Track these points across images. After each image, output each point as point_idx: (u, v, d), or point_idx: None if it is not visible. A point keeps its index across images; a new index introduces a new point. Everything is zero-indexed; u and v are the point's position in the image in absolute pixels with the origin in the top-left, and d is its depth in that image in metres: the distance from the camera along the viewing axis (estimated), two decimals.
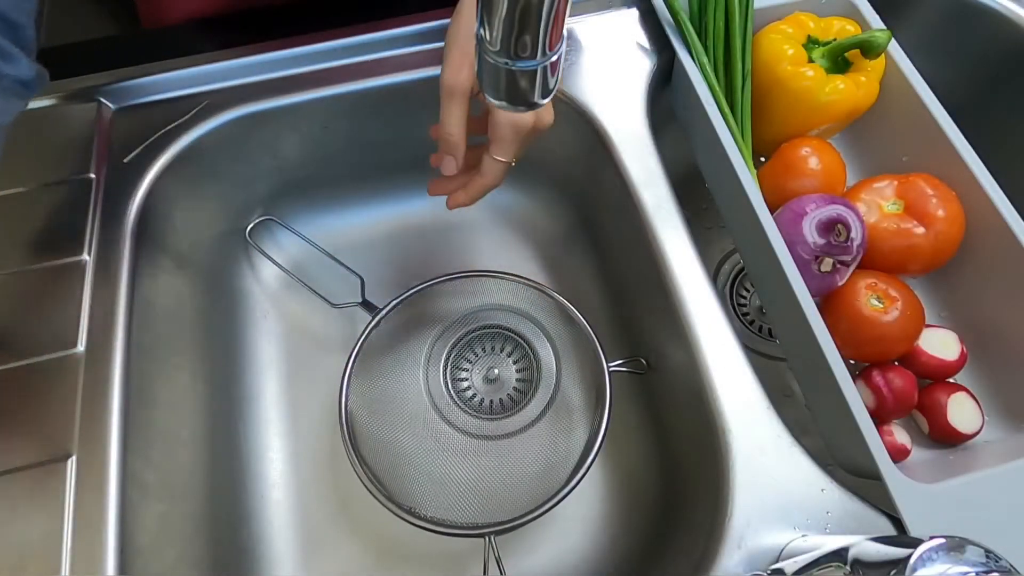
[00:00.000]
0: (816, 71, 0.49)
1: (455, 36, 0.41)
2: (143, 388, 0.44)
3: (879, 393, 0.44)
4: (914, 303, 0.45)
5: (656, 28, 0.56)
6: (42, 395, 0.41)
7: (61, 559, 0.37)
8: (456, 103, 0.41)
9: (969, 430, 0.44)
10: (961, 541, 0.27)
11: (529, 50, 0.30)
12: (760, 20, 0.53)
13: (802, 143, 0.50)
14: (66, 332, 0.43)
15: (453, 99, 0.40)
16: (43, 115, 0.52)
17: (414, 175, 0.65)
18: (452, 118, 0.41)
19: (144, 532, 0.41)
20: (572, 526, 0.53)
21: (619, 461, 0.56)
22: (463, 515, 0.48)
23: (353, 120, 0.57)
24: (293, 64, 0.55)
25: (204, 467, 0.50)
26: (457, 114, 0.41)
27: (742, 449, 0.41)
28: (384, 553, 0.53)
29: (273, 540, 0.53)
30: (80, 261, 0.46)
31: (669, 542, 0.49)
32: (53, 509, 0.38)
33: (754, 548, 0.39)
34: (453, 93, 0.40)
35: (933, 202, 0.46)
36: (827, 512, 0.40)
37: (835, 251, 0.44)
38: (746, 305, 0.69)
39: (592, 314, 0.52)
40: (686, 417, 0.49)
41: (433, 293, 0.54)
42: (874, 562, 0.30)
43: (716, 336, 0.45)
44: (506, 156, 0.41)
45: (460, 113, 0.41)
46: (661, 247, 0.48)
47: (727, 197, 0.51)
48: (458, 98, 0.40)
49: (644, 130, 0.53)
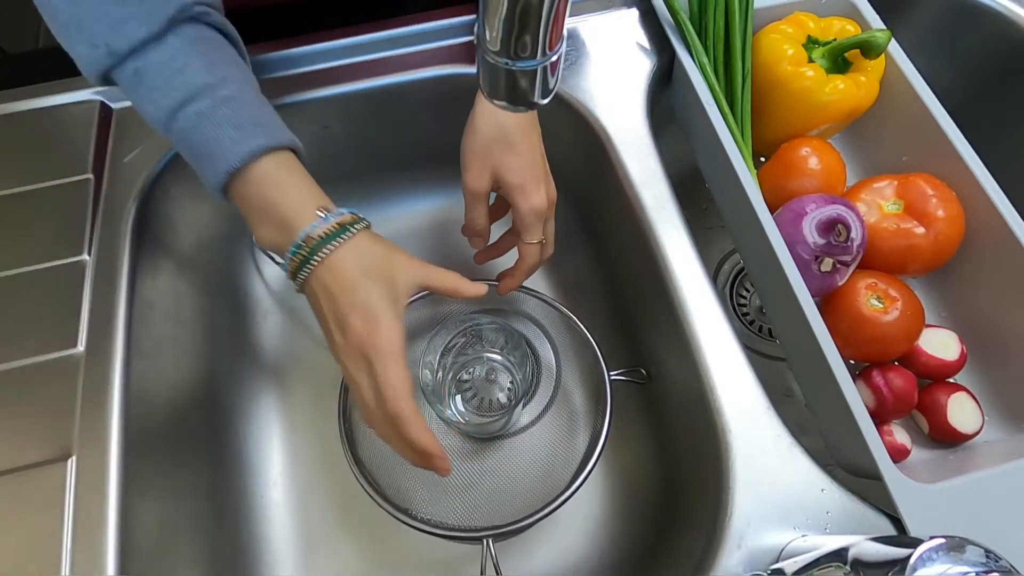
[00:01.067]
0: (816, 71, 0.49)
1: (472, 147, 0.46)
2: (143, 388, 0.44)
3: (879, 393, 0.44)
4: (914, 303, 0.45)
5: (656, 28, 0.56)
6: (42, 395, 0.41)
7: (61, 559, 0.37)
8: (480, 204, 0.47)
9: (969, 430, 0.44)
10: (961, 541, 0.27)
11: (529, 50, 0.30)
12: (760, 20, 0.53)
13: (802, 143, 0.50)
14: (66, 332, 0.43)
15: (477, 202, 0.47)
16: (43, 115, 0.52)
17: (414, 175, 0.65)
18: (477, 215, 0.48)
19: (144, 532, 0.41)
20: (572, 526, 0.53)
21: (619, 461, 0.56)
22: (462, 517, 0.48)
23: (353, 120, 0.57)
24: (293, 64, 0.55)
25: (204, 467, 0.50)
26: (481, 211, 0.48)
27: (742, 449, 0.41)
28: (382, 554, 0.53)
29: (273, 540, 0.53)
30: (80, 261, 0.46)
31: (669, 542, 0.49)
32: (53, 509, 0.38)
33: (754, 548, 0.39)
34: (477, 198, 0.47)
35: (933, 202, 0.46)
36: (827, 512, 0.40)
37: (835, 251, 0.44)
38: (746, 305, 0.69)
39: (592, 314, 0.52)
40: (686, 417, 0.49)
41: (434, 297, 0.54)
42: (874, 562, 0.30)
43: (716, 336, 0.45)
44: (536, 238, 0.47)
45: (483, 210, 0.48)
46: (661, 247, 0.48)
47: (727, 197, 0.51)
48: (481, 201, 0.47)
49: (644, 130, 0.53)
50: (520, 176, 0.45)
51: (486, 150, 0.45)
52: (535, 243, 0.47)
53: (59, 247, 0.46)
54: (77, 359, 0.43)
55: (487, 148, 0.45)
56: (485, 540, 0.44)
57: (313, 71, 0.55)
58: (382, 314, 0.39)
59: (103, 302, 0.45)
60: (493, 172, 0.45)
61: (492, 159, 0.45)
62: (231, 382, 0.56)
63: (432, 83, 0.56)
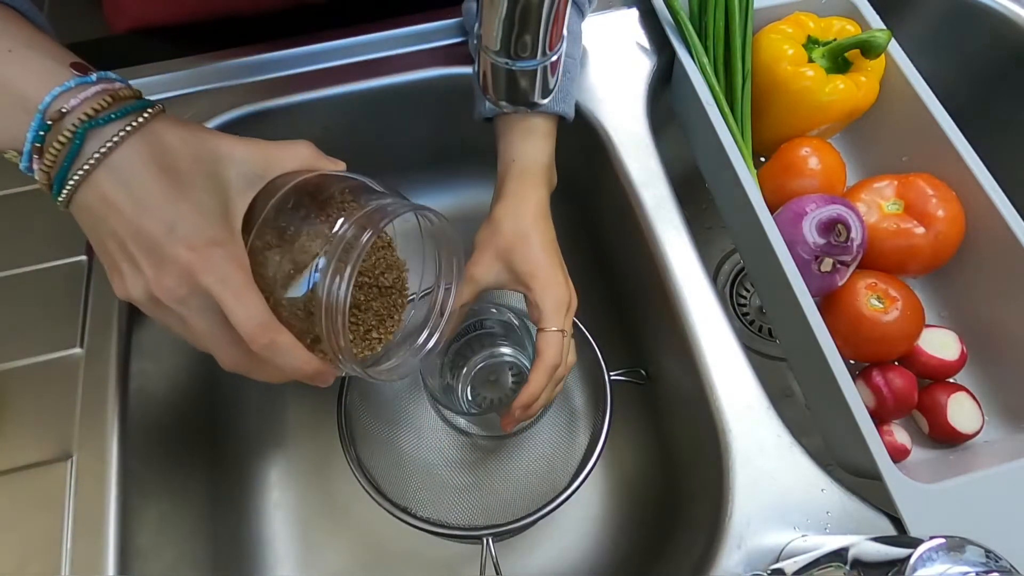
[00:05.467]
0: (816, 71, 0.49)
1: (487, 238, 0.44)
2: (143, 388, 0.44)
3: (879, 393, 0.44)
4: (914, 303, 0.45)
5: (656, 28, 0.56)
6: (42, 395, 0.41)
7: (61, 559, 0.37)
8: (472, 291, 0.43)
9: (969, 430, 0.44)
10: (961, 541, 0.27)
11: (529, 50, 0.30)
12: (760, 20, 0.53)
13: (802, 143, 0.50)
14: (66, 332, 0.43)
15: (471, 288, 0.43)
16: None
17: (414, 175, 0.65)
18: (465, 297, 0.43)
19: (144, 532, 0.41)
20: (572, 525, 0.53)
21: (619, 461, 0.56)
22: (461, 517, 0.48)
23: (353, 120, 0.57)
24: (293, 64, 0.55)
25: (204, 467, 0.50)
26: (469, 295, 0.43)
27: (742, 449, 0.41)
28: (382, 553, 0.53)
29: (273, 540, 0.53)
30: (80, 262, 0.46)
31: (669, 542, 0.49)
32: (53, 509, 0.38)
33: (754, 548, 0.39)
34: (477, 287, 0.43)
35: (933, 202, 0.46)
36: (827, 512, 0.40)
37: (835, 251, 0.44)
38: (746, 305, 0.69)
39: (591, 314, 0.52)
40: (686, 417, 0.49)
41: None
42: (874, 562, 0.30)
43: (716, 336, 0.45)
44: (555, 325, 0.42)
45: (472, 296, 0.44)
46: (661, 247, 0.48)
47: (727, 197, 0.51)
48: (477, 289, 0.43)
49: (644, 130, 0.53)
50: (534, 264, 0.42)
51: (501, 241, 0.43)
52: (555, 330, 0.42)
53: (59, 247, 0.46)
54: (77, 359, 0.43)
55: (502, 240, 0.43)
56: (485, 539, 0.44)
57: (313, 71, 0.55)
58: (218, 231, 0.29)
59: (103, 302, 0.45)
60: (506, 263, 0.43)
61: (506, 251, 0.43)
62: (231, 382, 0.56)
63: (432, 83, 0.55)
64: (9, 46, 0.28)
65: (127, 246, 0.29)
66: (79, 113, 0.27)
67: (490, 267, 0.43)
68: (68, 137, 0.27)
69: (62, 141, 0.27)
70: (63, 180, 0.28)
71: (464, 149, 0.62)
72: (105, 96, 0.28)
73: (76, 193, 0.28)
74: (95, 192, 0.28)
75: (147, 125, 0.28)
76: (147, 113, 0.29)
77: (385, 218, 0.32)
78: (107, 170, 0.28)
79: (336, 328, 0.31)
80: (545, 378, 0.41)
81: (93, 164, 0.27)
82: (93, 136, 0.27)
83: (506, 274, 0.44)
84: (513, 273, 0.43)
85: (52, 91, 0.27)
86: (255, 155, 0.31)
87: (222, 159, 0.30)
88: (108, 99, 0.28)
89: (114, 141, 0.27)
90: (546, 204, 0.46)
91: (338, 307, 0.31)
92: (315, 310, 0.31)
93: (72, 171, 0.28)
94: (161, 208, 0.28)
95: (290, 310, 0.32)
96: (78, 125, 0.27)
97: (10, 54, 0.28)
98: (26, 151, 0.28)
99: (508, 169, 0.46)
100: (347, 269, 0.30)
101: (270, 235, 0.32)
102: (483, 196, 0.67)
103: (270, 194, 0.32)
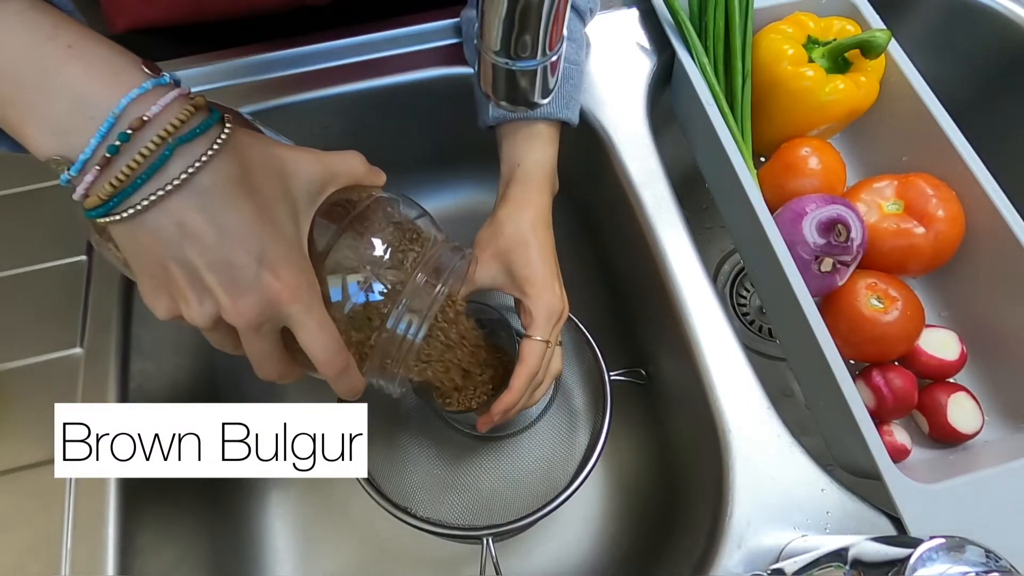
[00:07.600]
0: (816, 71, 0.49)
1: (487, 238, 0.44)
2: (143, 388, 0.44)
3: (879, 393, 0.44)
4: (914, 303, 0.45)
5: (656, 28, 0.56)
6: (42, 395, 0.41)
7: (61, 559, 0.37)
8: (468, 289, 0.43)
9: (969, 430, 0.44)
10: (961, 541, 0.27)
11: (529, 50, 0.30)
12: (760, 20, 0.53)
13: (802, 143, 0.50)
14: (66, 332, 0.43)
15: (467, 286, 0.43)
16: None
17: (414, 175, 0.65)
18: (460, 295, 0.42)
19: (144, 532, 0.41)
20: (572, 525, 0.53)
21: (619, 461, 0.56)
22: (461, 516, 0.48)
23: (353, 120, 0.57)
24: (293, 64, 0.55)
25: None
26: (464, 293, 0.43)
27: (742, 449, 0.41)
28: (382, 553, 0.53)
29: (273, 539, 0.53)
30: (80, 262, 0.46)
31: (669, 542, 0.49)
32: (53, 509, 0.38)
33: (754, 548, 0.39)
34: (473, 285, 0.43)
35: (933, 202, 0.46)
36: (827, 512, 0.40)
37: (835, 251, 0.44)
38: (746, 305, 0.69)
39: (591, 314, 0.52)
40: (686, 417, 0.49)
41: None
42: (874, 562, 0.30)
43: (716, 336, 0.45)
44: (543, 334, 0.42)
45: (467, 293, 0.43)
46: (661, 247, 0.48)
47: (727, 197, 0.51)
48: (472, 288, 0.43)
49: (644, 130, 0.53)
50: (531, 270, 0.43)
51: (502, 243, 0.43)
52: (539, 340, 0.42)
53: (59, 247, 0.46)
54: (77, 359, 0.43)
55: (503, 242, 0.43)
56: (485, 539, 0.44)
57: (313, 71, 0.55)
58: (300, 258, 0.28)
59: (103, 302, 0.45)
60: (505, 265, 0.43)
61: (505, 253, 0.43)
62: (230, 382, 0.56)
63: (432, 83, 0.55)
64: (69, 41, 0.24)
65: (201, 275, 0.26)
66: (163, 123, 0.24)
67: (488, 267, 0.44)
68: (152, 151, 0.24)
69: (144, 154, 0.24)
70: (127, 198, 0.24)
71: (464, 149, 0.62)
72: (187, 105, 0.25)
73: (145, 214, 0.25)
74: (171, 217, 0.25)
75: (231, 139, 0.26)
76: (228, 127, 0.26)
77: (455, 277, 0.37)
78: (191, 193, 0.24)
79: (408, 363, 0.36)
80: (525, 385, 0.42)
81: (178, 185, 0.24)
82: (182, 153, 0.24)
83: (503, 276, 0.44)
84: (510, 276, 0.43)
85: (128, 94, 0.24)
86: (316, 169, 0.30)
87: (289, 175, 0.29)
88: (191, 108, 0.25)
89: (202, 160, 0.25)
90: (548, 210, 0.46)
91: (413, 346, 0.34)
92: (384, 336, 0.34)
93: (147, 190, 0.24)
94: (247, 237, 0.26)
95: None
96: (165, 138, 0.24)
97: (70, 50, 0.24)
98: (82, 160, 0.24)
99: (512, 173, 0.46)
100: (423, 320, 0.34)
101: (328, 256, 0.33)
102: (483, 196, 0.67)
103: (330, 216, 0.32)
